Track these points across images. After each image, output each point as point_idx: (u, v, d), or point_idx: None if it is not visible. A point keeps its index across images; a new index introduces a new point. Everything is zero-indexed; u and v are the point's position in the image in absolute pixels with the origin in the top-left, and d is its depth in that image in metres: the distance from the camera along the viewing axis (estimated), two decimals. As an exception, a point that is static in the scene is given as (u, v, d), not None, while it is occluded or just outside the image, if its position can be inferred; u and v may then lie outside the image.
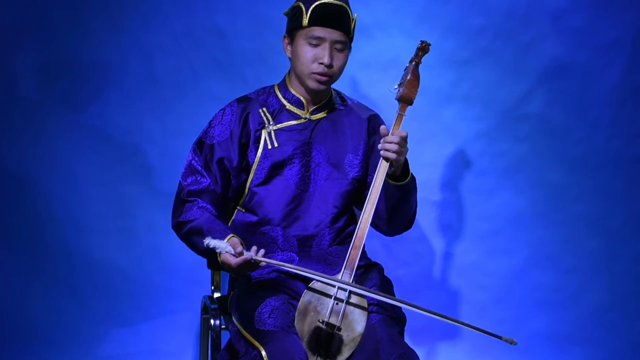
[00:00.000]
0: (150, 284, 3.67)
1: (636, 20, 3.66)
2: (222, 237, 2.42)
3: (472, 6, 3.63)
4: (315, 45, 2.56)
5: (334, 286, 2.40)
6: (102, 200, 3.62)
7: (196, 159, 2.65)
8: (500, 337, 2.38)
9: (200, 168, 2.64)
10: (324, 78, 2.58)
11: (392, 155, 2.44)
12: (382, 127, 2.47)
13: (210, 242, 2.37)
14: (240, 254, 2.37)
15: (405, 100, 2.53)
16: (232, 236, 2.44)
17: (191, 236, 2.56)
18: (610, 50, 3.67)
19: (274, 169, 2.63)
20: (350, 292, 2.40)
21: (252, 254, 2.37)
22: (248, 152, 2.64)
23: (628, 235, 3.77)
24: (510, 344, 2.39)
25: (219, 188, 2.63)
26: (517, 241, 3.73)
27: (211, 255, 2.47)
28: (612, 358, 3.73)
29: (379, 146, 2.45)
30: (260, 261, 2.38)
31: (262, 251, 2.39)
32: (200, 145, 2.66)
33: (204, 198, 2.61)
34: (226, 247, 2.37)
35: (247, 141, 2.65)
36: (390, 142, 2.43)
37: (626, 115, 3.73)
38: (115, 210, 3.64)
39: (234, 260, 2.37)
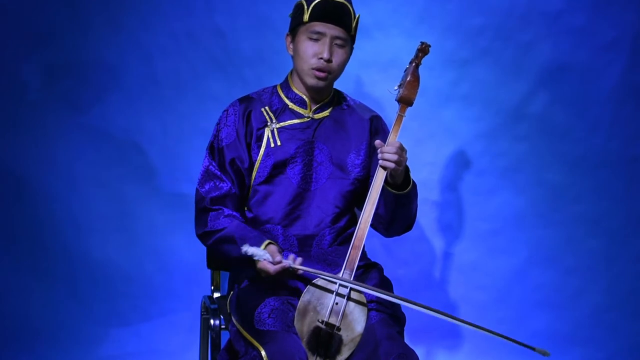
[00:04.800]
0: (150, 284, 3.67)
1: (635, 20, 3.66)
2: (258, 244, 2.42)
3: (472, 6, 3.63)
4: (316, 40, 2.57)
5: (334, 283, 2.40)
6: (102, 200, 3.63)
7: (213, 164, 2.65)
8: (533, 349, 2.37)
9: (219, 173, 2.63)
10: (322, 74, 2.58)
11: (391, 165, 2.45)
12: (377, 141, 2.48)
13: (249, 249, 2.37)
14: (279, 262, 2.38)
15: (405, 102, 2.54)
16: (270, 243, 2.45)
17: (221, 245, 2.55)
18: (610, 50, 3.67)
19: (277, 168, 2.64)
20: (350, 290, 2.40)
21: (290, 262, 2.39)
22: (251, 150, 2.65)
23: (628, 235, 3.77)
24: (544, 355, 2.37)
25: (236, 189, 2.63)
26: (517, 241, 3.74)
27: (245, 263, 2.47)
28: (612, 358, 3.73)
29: (378, 156, 2.46)
30: (298, 269, 2.39)
31: (299, 259, 2.40)
32: (212, 149, 2.66)
33: (228, 205, 2.60)
34: (264, 254, 2.38)
35: (250, 140, 2.65)
36: (387, 152, 2.44)
37: (626, 115, 3.73)
38: (115, 210, 3.64)
39: (272, 268, 2.38)
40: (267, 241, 2.45)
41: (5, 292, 3.60)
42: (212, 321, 2.74)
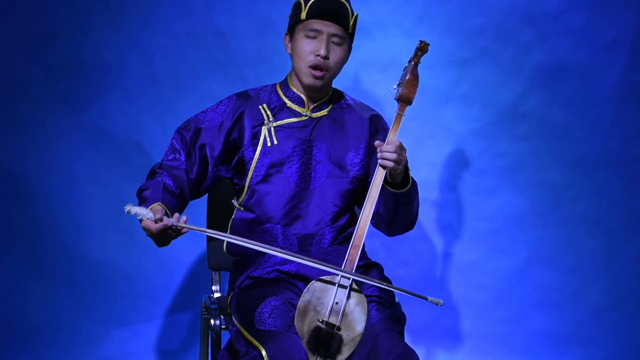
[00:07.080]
0: (150, 284, 3.67)
1: (636, 20, 3.66)
2: (149, 205, 2.39)
3: (472, 6, 3.63)
4: (313, 38, 2.58)
5: (334, 281, 2.40)
6: (102, 200, 3.63)
7: (177, 138, 2.65)
8: (426, 298, 2.38)
9: (178, 147, 2.63)
10: (319, 73, 2.58)
11: (390, 164, 2.45)
12: (376, 142, 2.48)
13: (132, 209, 2.31)
14: (160, 220, 2.32)
15: (404, 100, 2.54)
16: (158, 204, 2.42)
17: (139, 204, 2.51)
18: (610, 50, 3.68)
19: (273, 167, 2.63)
20: (350, 291, 2.40)
21: (173, 220, 2.32)
22: (244, 148, 2.64)
23: (628, 235, 3.77)
24: (437, 304, 2.37)
25: (192, 173, 2.62)
26: (517, 241, 3.73)
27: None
28: (612, 358, 3.73)
29: (377, 155, 2.46)
30: (182, 227, 2.33)
31: (184, 217, 2.35)
32: (186, 125, 2.66)
33: (171, 173, 2.58)
34: (147, 213, 2.32)
35: (238, 137, 2.64)
36: (387, 151, 2.45)
37: (626, 115, 3.73)
38: (115, 210, 3.60)
39: (154, 226, 2.33)
40: (157, 202, 2.41)
41: (5, 292, 3.60)
42: (212, 321, 2.74)
